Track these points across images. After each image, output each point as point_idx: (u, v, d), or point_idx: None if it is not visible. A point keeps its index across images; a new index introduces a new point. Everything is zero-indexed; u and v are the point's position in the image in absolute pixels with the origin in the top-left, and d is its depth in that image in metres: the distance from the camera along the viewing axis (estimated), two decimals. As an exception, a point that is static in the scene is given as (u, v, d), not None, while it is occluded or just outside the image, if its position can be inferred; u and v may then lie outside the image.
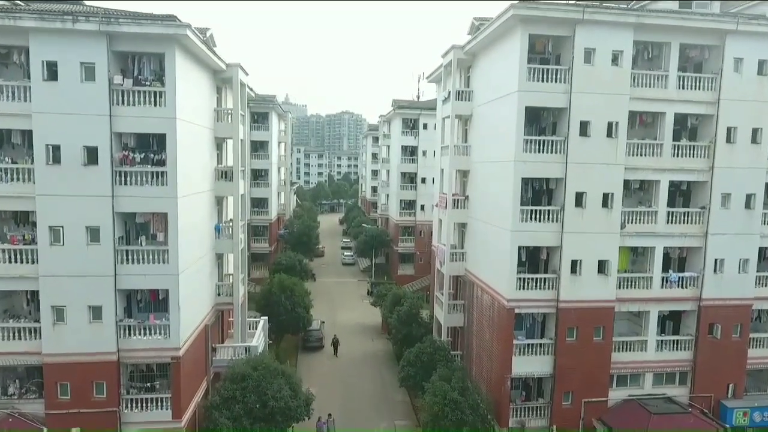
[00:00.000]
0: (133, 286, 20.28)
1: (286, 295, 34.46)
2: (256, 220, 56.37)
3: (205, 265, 24.77)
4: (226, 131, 26.27)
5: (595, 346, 23.17)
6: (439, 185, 31.30)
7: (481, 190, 26.87)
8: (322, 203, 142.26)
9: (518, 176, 22.21)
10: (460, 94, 28.47)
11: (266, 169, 56.53)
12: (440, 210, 30.91)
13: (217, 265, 27.29)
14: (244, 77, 27.70)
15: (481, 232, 26.67)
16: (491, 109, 25.26)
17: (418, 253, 58.89)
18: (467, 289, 28.67)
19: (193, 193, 22.20)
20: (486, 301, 25.46)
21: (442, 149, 30.69)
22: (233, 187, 26.42)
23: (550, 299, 22.94)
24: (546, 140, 22.33)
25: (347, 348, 38.33)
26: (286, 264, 47.88)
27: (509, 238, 22.46)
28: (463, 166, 28.87)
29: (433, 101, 62.37)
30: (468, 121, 29.27)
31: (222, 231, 26.76)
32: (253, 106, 54.80)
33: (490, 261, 25.10)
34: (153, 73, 20.30)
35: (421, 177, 58.19)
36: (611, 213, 22.65)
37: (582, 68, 21.85)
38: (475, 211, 27.89)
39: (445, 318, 29.50)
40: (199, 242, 23.52)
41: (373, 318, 45.09)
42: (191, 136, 21.80)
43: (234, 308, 27.13)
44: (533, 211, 22.57)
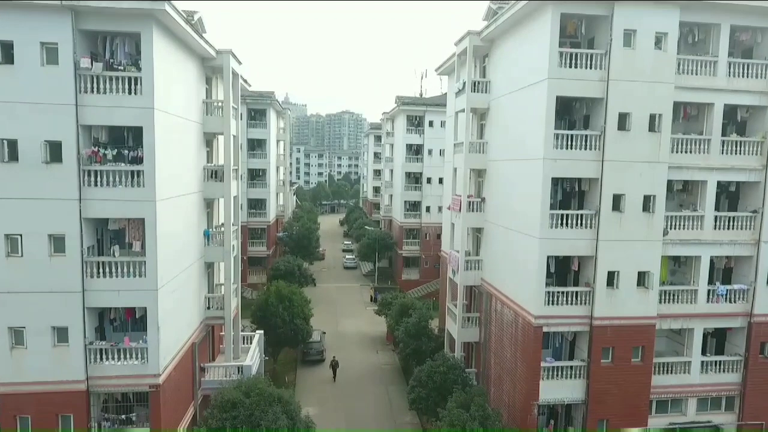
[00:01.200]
0: (104, 304, 17.52)
1: (284, 305, 31.68)
2: (254, 223, 53.67)
3: (192, 275, 22.01)
4: (216, 126, 23.50)
5: (633, 368, 20.43)
6: (451, 186, 28.56)
7: (500, 192, 24.12)
8: (323, 204, 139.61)
9: (547, 176, 19.45)
10: (476, 85, 25.69)
11: (264, 168, 53.84)
12: (453, 213, 28.16)
13: (206, 275, 24.53)
14: (237, 66, 24.94)
15: (500, 239, 23.91)
16: (513, 101, 22.50)
17: (424, 256, 56.20)
18: (484, 301, 25.91)
19: (177, 195, 19.45)
20: (507, 317, 22.70)
21: (455, 146, 27.94)
22: (224, 188, 23.66)
23: (583, 316, 20.20)
24: (579, 135, 19.58)
25: (350, 361, 35.55)
26: (284, 269, 45.13)
27: (537, 247, 19.71)
28: (478, 164, 26.10)
29: (438, 98, 59.67)
30: (484, 115, 26.50)
31: (212, 237, 24.01)
32: (250, 103, 52.15)
33: (512, 271, 22.34)
34: (128, 56, 17.53)
35: (427, 177, 55.47)
36: (653, 218, 19.89)
37: (621, 52, 19.09)
38: (492, 214, 25.13)
39: (459, 332, 26.73)
40: (185, 251, 20.77)
41: (377, 327, 42.32)
42: (174, 131, 19.06)
43: (225, 323, 24.35)
44: (564, 216, 19.82)
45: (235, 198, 25.90)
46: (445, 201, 35.72)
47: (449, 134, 35.05)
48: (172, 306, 19.08)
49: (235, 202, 25.97)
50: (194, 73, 22.07)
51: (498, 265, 24.22)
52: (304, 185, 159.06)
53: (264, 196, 54.03)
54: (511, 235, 22.29)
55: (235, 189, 25.24)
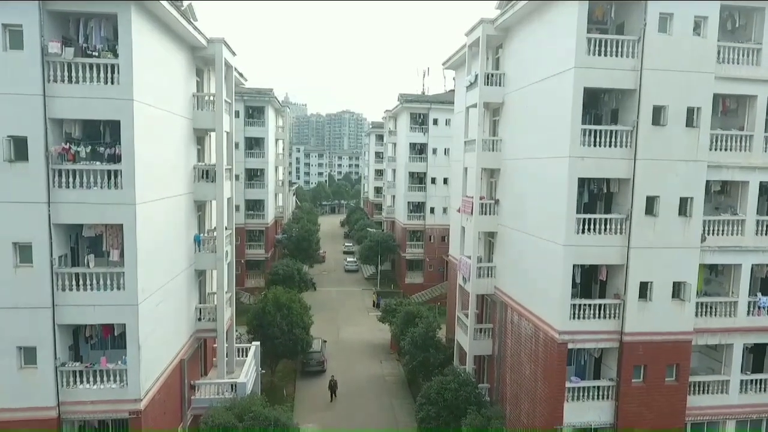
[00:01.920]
0: (77, 321, 15.55)
1: (283, 313, 29.71)
2: (251, 225, 51.71)
3: (181, 285, 20.07)
4: (208, 121, 21.55)
5: (666, 388, 18.48)
6: (461, 187, 26.60)
7: (516, 193, 22.16)
8: (323, 204, 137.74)
9: (573, 176, 17.49)
10: (489, 77, 23.71)
11: (262, 168, 51.87)
12: (463, 216, 26.20)
13: (197, 284, 22.59)
14: (230, 57, 22.97)
15: (516, 244, 21.95)
16: (531, 94, 20.55)
17: (428, 259, 54.30)
18: (498, 312, 23.95)
19: (162, 197, 17.50)
20: (526, 330, 20.74)
21: (466, 144, 25.98)
22: (216, 190, 21.71)
23: (612, 331, 18.24)
24: (609, 131, 17.62)
25: (352, 372, 33.60)
26: (283, 273, 43.19)
27: (561, 255, 17.74)
28: (492, 164, 24.15)
29: (443, 95, 57.78)
30: (497, 110, 24.55)
31: (203, 243, 22.07)
32: (247, 100, 50.21)
33: (531, 280, 20.39)
34: (104, 41, 15.58)
35: (431, 177, 53.58)
36: (690, 222, 17.93)
37: (656, 39, 17.14)
38: (507, 217, 23.18)
39: (471, 345, 24.75)
40: (172, 259, 18.82)
41: (381, 334, 40.36)
42: (158, 126, 17.11)
43: (218, 337, 22.39)
44: (591, 221, 17.87)
45: (229, 200, 23.99)
46: (453, 203, 33.80)
47: (458, 132, 33.11)
48: (156, 321, 17.13)
49: (229, 205, 24.04)
50: (183, 63, 20.12)
51: (514, 273, 22.26)
52: (304, 185, 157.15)
53: (262, 197, 52.08)
54: (530, 241, 20.34)
55: (228, 190, 23.31)
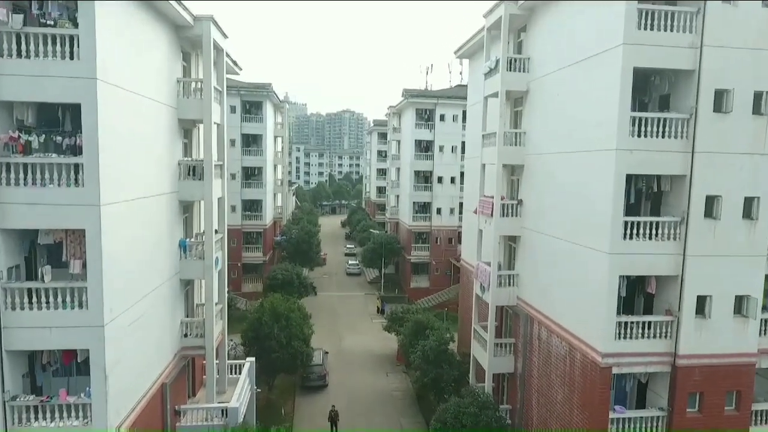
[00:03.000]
0: (30, 346, 12.95)
1: (281, 324, 27.09)
2: (248, 226, 49.12)
3: (162, 298, 17.45)
4: (194, 111, 18.94)
5: (726, 419, 15.89)
6: (479, 185, 23.99)
7: (543, 193, 19.56)
8: (323, 204, 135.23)
9: (621, 172, 14.88)
10: (512, 62, 21.14)
11: (260, 166, 49.27)
12: (481, 218, 23.59)
13: (183, 295, 19.99)
14: (221, 39, 20.38)
15: (544, 250, 19.35)
16: (564, 79, 17.94)
17: (434, 263, 51.69)
18: (522, 326, 21.35)
19: (137, 197, 14.89)
20: (557, 348, 18.14)
21: (484, 138, 23.38)
22: (204, 188, 19.10)
23: (664, 353, 15.66)
24: (663, 119, 15.03)
25: (356, 387, 31.02)
26: (282, 278, 40.59)
27: (606, 265, 15.14)
28: (514, 159, 21.55)
29: (450, 90, 55.17)
30: (520, 100, 21.96)
31: (190, 248, 19.46)
32: (244, 95, 47.64)
33: (563, 292, 17.79)
34: (63, 9, 12.96)
35: (438, 176, 50.97)
36: (755, 227, 15.33)
37: (719, 10, 14.57)
38: (533, 220, 20.59)
39: (490, 362, 22.14)
40: (150, 268, 16.21)
41: (386, 344, 37.72)
42: (132, 113, 14.49)
43: (207, 356, 19.75)
44: (641, 225, 15.27)
45: (220, 200, 21.39)
46: (467, 203, 31.23)
47: (472, 126, 30.57)
48: (129, 342, 14.52)
49: (220, 205, 21.45)
50: (165, 43, 17.51)
51: (541, 283, 19.66)
52: (304, 185, 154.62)
53: (260, 197, 49.49)
54: (562, 247, 17.72)
55: (219, 189, 20.72)
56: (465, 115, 50.79)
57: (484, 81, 23.30)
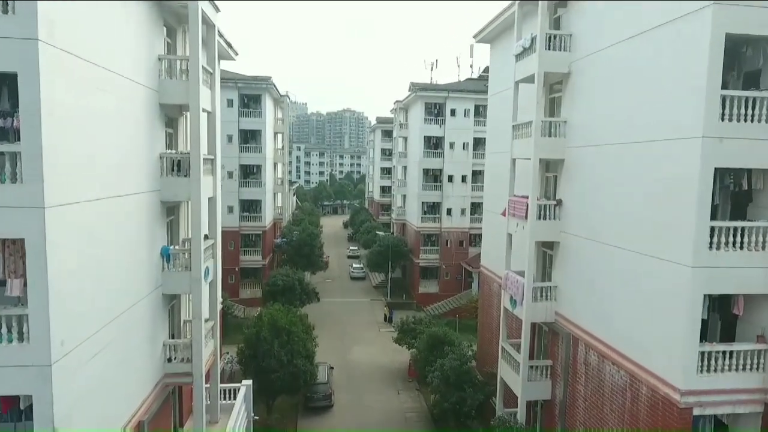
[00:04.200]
0: (-48, 392, 9.95)
1: (281, 340, 24.10)
2: (247, 228, 46.15)
3: (139, 319, 14.45)
4: (179, 94, 15.91)
5: (831, 472, 12.88)
6: (509, 184, 21.00)
7: (592, 191, 16.56)
8: (324, 204, 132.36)
9: (709, 166, 11.86)
10: (551, 40, 18.16)
11: (259, 164, 46.28)
12: (512, 220, 20.59)
13: (166, 312, 16.99)
14: (212, 12, 17.37)
15: (594, 260, 16.34)
16: (622, 56, 14.95)
17: (444, 267, 48.69)
18: (562, 347, 18.36)
19: (101, 196, 11.88)
20: (613, 378, 15.14)
21: (516, 129, 20.39)
22: (191, 186, 16.07)
23: (755, 389, 12.67)
24: (760, 100, 12.03)
25: (365, 407, 28.05)
26: (282, 285, 37.62)
27: (688, 281, 12.12)
28: (552, 153, 18.57)
29: (461, 83, 52.23)
30: (559, 84, 18.96)
31: (174, 258, 16.46)
32: (242, 87, 44.70)
33: (621, 311, 14.77)
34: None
35: (448, 174, 47.98)
36: None
37: (835, -40, 11.56)
38: (575, 224, 17.60)
39: (523, 387, 19.12)
40: (121, 284, 13.21)
41: (396, 356, 34.71)
42: (93, 90, 11.48)
43: (195, 385, 16.70)
44: (731, 232, 12.27)
45: (212, 200, 18.45)
46: (488, 203, 28.25)
47: (493, 118, 27.59)
48: (91, 381, 11.52)
49: (211, 206, 18.53)
50: (143, 13, 14.50)
51: (590, 299, 16.64)
52: (305, 185, 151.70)
53: (259, 197, 46.51)
54: (620, 257, 14.71)
55: (210, 187, 17.75)
56: (477, 110, 48.04)
57: (515, 64, 20.30)
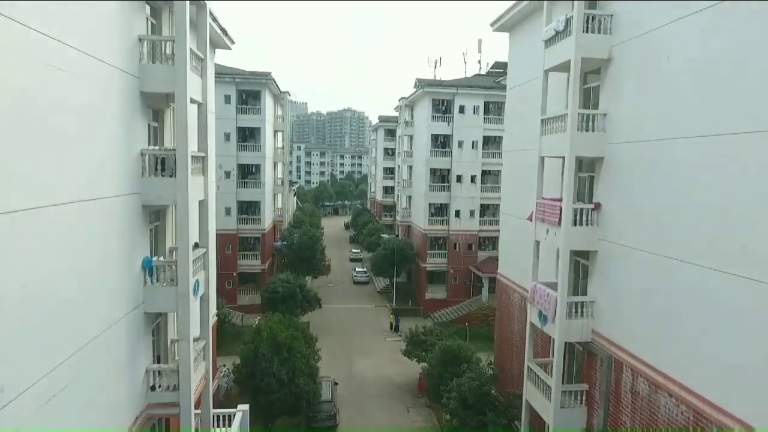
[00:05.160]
0: None
1: (281, 357, 21.86)
2: (245, 231, 43.95)
3: (113, 345, 12.22)
4: (163, 81, 13.68)
5: None
6: (537, 185, 18.77)
7: (642, 194, 14.31)
8: (325, 205, 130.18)
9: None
10: (589, 21, 15.93)
11: (258, 164, 44.05)
12: (540, 226, 18.35)
13: (150, 333, 14.77)
14: (202, -13, 15.15)
15: (646, 274, 14.08)
16: (688, 34, 12.73)
17: (452, 271, 46.46)
18: (601, 370, 16.13)
19: (55, 202, 9.66)
20: (670, 413, 12.90)
21: (545, 124, 18.15)
22: (177, 188, 13.83)
23: None
24: None
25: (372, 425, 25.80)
26: (282, 292, 35.36)
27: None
28: (590, 149, 16.33)
29: (470, 79, 50.04)
30: (601, 72, 16.71)
31: (158, 271, 14.22)
32: (240, 83, 42.50)
33: (687, 339, 12.53)
34: None
35: (456, 174, 45.79)
36: None
37: None
38: (619, 231, 15.36)
39: (555, 415, 16.84)
40: (88, 307, 10.98)
41: (404, 368, 32.48)
42: (42, 66, 9.25)
43: (182, 416, 14.44)
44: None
45: (204, 203, 16.22)
46: (505, 205, 26.00)
47: (512, 113, 25.37)
48: (51, 425, 9.31)
49: (203, 210, 16.32)
50: (117, -18, 12.28)
51: (641, 318, 14.38)
52: (305, 185, 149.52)
53: (258, 198, 44.28)
54: (687, 273, 12.44)
55: (200, 189, 15.56)
56: (487, 107, 45.80)
57: (545, 50, 18.06)
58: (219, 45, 22.32)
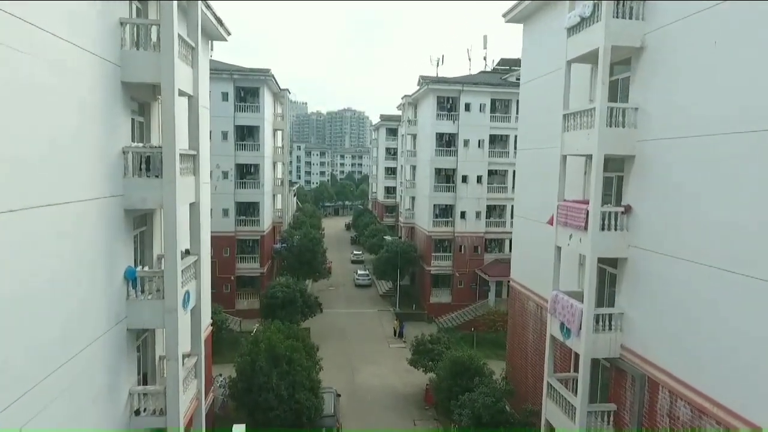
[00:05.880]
0: None
1: (281, 371, 20.36)
2: (244, 233, 42.49)
3: (89, 369, 10.76)
4: (147, 70, 12.22)
5: None
6: (558, 186, 17.30)
7: (683, 196, 12.85)
8: (325, 206, 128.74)
9: None
10: (619, 6, 14.45)
11: (256, 164, 42.55)
12: (563, 230, 16.87)
13: (134, 350, 13.31)
14: (193, -32, 13.68)
15: (687, 285, 12.61)
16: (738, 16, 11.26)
17: (458, 274, 44.96)
18: (633, 390, 14.66)
19: (22, 206, 8.20)
20: (721, 445, 11.42)
21: (568, 119, 16.65)
22: (164, 190, 12.36)
23: None
24: None
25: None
26: (282, 297, 33.85)
27: None
28: (620, 147, 14.84)
29: (475, 76, 48.60)
30: (631, 62, 15.23)
31: (142, 282, 12.75)
32: (238, 79, 41.04)
33: (742, 360, 11.06)
34: None
35: (462, 174, 44.27)
36: None
37: None
38: (654, 237, 13.87)
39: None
40: (56, 330, 9.51)
41: (409, 377, 30.99)
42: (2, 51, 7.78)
43: (168, 445, 12.98)
44: None
45: (194, 206, 14.75)
46: (519, 206, 24.51)
47: (526, 108, 23.89)
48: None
49: (194, 213, 14.86)
50: (93, -45, 10.81)
51: (681, 335, 12.88)
52: (305, 185, 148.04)
53: (257, 199, 42.79)
54: (741, 287, 10.97)
55: (191, 190, 14.14)
56: (494, 105, 44.33)
57: (568, 39, 16.56)
58: (214, 36, 20.86)
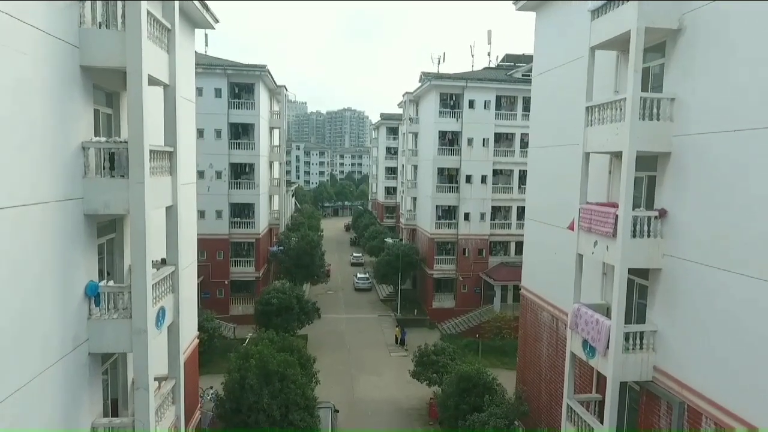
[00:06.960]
0: None
1: (273, 389, 18.60)
2: (238, 236, 40.76)
3: (35, 404, 9.02)
4: (110, 52, 10.45)
5: None
6: (580, 187, 15.59)
7: (733, 199, 11.12)
8: (325, 206, 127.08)
9: None
10: (654, -17, 12.72)
11: (251, 163, 40.81)
12: (587, 237, 15.14)
13: (99, 376, 11.54)
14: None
15: (738, 302, 10.88)
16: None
17: (461, 278, 43.21)
18: (669, 418, 12.92)
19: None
20: (786, 494, 9.68)
21: (591, 112, 14.92)
22: (131, 192, 10.60)
23: None
24: None
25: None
26: (278, 304, 32.10)
27: None
28: (654, 143, 13.09)
29: (479, 72, 46.88)
30: (666, 47, 13.50)
31: (107, 299, 10.99)
32: (232, 75, 39.32)
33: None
34: None
35: (466, 174, 42.55)
36: None
37: None
38: (695, 245, 12.15)
39: (608, 470, 13.67)
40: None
41: (412, 389, 29.21)
42: None
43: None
44: None
45: (172, 210, 12.99)
46: (531, 207, 22.75)
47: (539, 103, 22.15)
48: None
49: (171, 218, 13.10)
50: None
51: (731, 359, 11.15)
52: (304, 185, 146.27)
53: (252, 200, 41.05)
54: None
55: (167, 192, 12.40)
56: (499, 101, 42.60)
57: (591, 23, 14.81)
58: (199, 22, 19.08)
